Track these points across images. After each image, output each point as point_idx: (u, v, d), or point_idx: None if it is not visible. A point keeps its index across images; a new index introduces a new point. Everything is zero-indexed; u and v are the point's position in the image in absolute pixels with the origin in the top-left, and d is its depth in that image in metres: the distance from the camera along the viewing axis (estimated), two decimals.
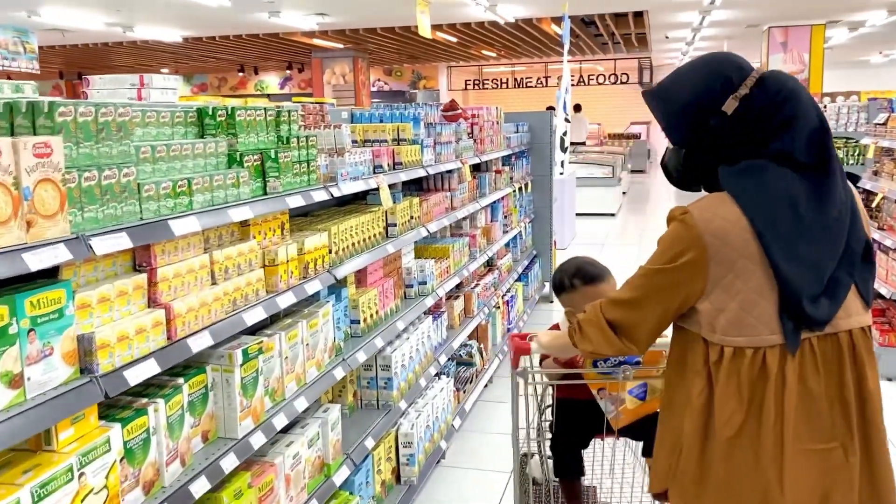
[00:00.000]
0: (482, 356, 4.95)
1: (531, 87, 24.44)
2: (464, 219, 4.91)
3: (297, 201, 2.49)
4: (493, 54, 20.29)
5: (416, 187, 4.65)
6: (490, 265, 5.80)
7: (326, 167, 2.90)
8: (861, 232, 1.62)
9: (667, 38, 17.33)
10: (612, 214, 13.50)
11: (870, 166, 7.37)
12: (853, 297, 1.59)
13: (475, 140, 5.02)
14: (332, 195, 2.77)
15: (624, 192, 16.02)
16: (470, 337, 5.09)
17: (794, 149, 1.55)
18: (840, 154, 7.84)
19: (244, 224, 2.38)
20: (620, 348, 1.69)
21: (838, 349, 1.58)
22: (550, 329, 2.39)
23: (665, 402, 1.76)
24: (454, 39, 16.11)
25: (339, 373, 2.78)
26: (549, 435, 2.55)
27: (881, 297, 5.49)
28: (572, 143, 17.89)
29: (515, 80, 24.57)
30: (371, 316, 3.24)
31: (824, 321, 1.54)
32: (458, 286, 4.97)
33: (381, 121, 3.91)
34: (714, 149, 1.62)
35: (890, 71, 24.06)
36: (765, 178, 1.55)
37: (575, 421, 2.47)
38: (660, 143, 24.91)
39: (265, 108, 2.52)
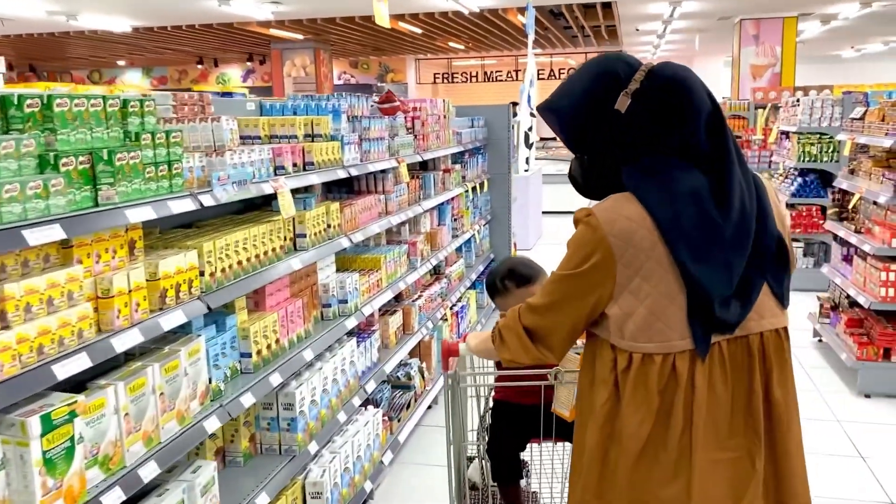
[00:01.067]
0: (423, 377, 4.44)
1: (501, 80, 23.97)
2: (402, 224, 4.39)
3: (142, 214, 1.96)
4: (462, 47, 19.77)
5: (347, 189, 4.13)
6: (437, 273, 5.29)
7: (202, 170, 2.37)
8: (773, 227, 1.56)
9: (637, 30, 16.93)
10: None
11: (845, 164, 6.98)
12: (766, 298, 1.55)
13: (416, 136, 4.50)
14: (201, 204, 2.24)
15: None
16: (411, 355, 4.58)
17: (694, 140, 1.50)
18: (813, 151, 7.43)
19: (65, 245, 1.84)
20: (536, 356, 1.63)
21: (748, 352, 1.53)
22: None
23: (577, 412, 1.68)
24: (419, 31, 15.56)
25: (213, 423, 2.25)
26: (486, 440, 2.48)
27: (858, 305, 5.08)
28: (542, 139, 17.43)
29: (485, 73, 24.07)
30: (268, 346, 2.71)
31: (735, 324, 1.50)
32: (397, 298, 4.45)
33: (295, 113, 3.38)
34: (613, 150, 1.55)
35: (862, 66, 23.93)
36: (667, 176, 1.50)
37: (511, 424, 2.39)
38: None
39: (104, 97, 1.98)
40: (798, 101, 7.80)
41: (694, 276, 1.46)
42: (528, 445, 2.51)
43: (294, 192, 3.08)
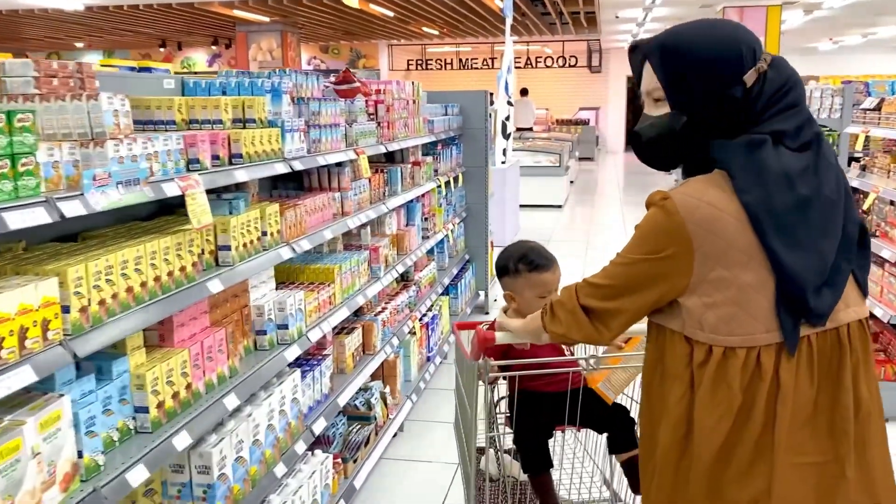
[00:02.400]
0: (386, 403, 3.82)
1: (477, 68, 23.35)
2: (363, 226, 3.76)
3: None
4: (436, 32, 19.07)
5: (295, 186, 3.49)
6: (405, 280, 4.66)
7: (75, 166, 1.72)
8: (856, 214, 1.52)
9: (617, 17, 16.39)
10: (559, 206, 12.50)
11: (845, 158, 6.49)
12: (850, 287, 1.49)
13: (380, 123, 3.86)
14: (62, 214, 1.60)
15: (571, 182, 15.04)
16: (374, 377, 3.96)
17: (787, 133, 1.45)
18: None
19: None
20: (590, 334, 1.59)
21: (837, 345, 1.46)
22: (488, 326, 2.16)
23: (642, 409, 1.64)
24: (391, 14, 14.85)
25: None
26: (504, 430, 2.46)
27: (874, 318, 4.56)
28: (518, 129, 16.84)
29: (461, 60, 23.43)
30: (175, 395, 2.07)
31: (826, 314, 1.44)
32: (357, 313, 3.82)
33: (224, 92, 2.73)
34: (719, 120, 1.48)
35: (840, 58, 23.66)
36: (763, 154, 1.42)
37: (538, 413, 2.31)
38: (610, 129, 24.12)
39: None
40: None
41: (786, 263, 1.39)
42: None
43: (216, 192, 2.44)
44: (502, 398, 2.52)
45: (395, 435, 4.07)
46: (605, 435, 2.41)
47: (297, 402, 2.78)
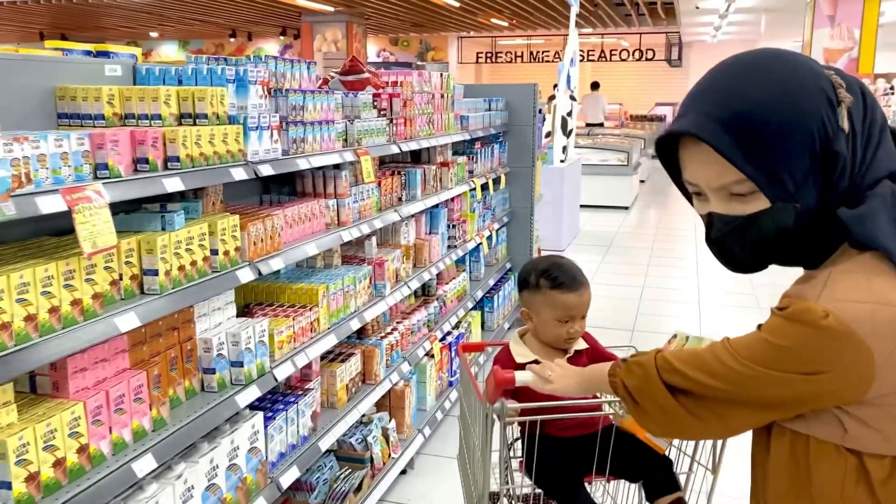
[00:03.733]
0: (389, 441, 3.35)
1: (548, 61, 22.59)
2: (369, 236, 3.28)
3: None
4: (505, 24, 18.47)
5: (290, 191, 3.04)
6: (427, 295, 4.17)
7: None
8: None
9: (697, 8, 15.41)
10: (626, 208, 11.77)
11: None
12: None
13: (393, 120, 3.38)
14: None
15: (642, 181, 14.23)
16: (379, 408, 3.49)
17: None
18: None
19: None
20: (702, 431, 1.25)
21: None
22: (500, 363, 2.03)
23: None
24: (456, 4, 14.35)
25: None
26: (518, 477, 2.17)
27: None
28: (588, 125, 16.11)
29: (531, 53, 22.72)
30: (59, 463, 1.64)
31: None
32: (360, 334, 3.36)
33: (180, 82, 2.29)
34: (833, 191, 1.13)
35: None
36: None
37: (565, 458, 2.02)
38: None
39: None
40: (893, 88, 6.43)
41: None
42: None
43: (153, 202, 2.01)
44: (516, 440, 2.27)
45: (403, 472, 3.60)
46: (639, 483, 2.06)
47: (256, 451, 2.34)
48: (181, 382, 2.11)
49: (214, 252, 2.16)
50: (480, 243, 4.90)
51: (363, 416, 3.36)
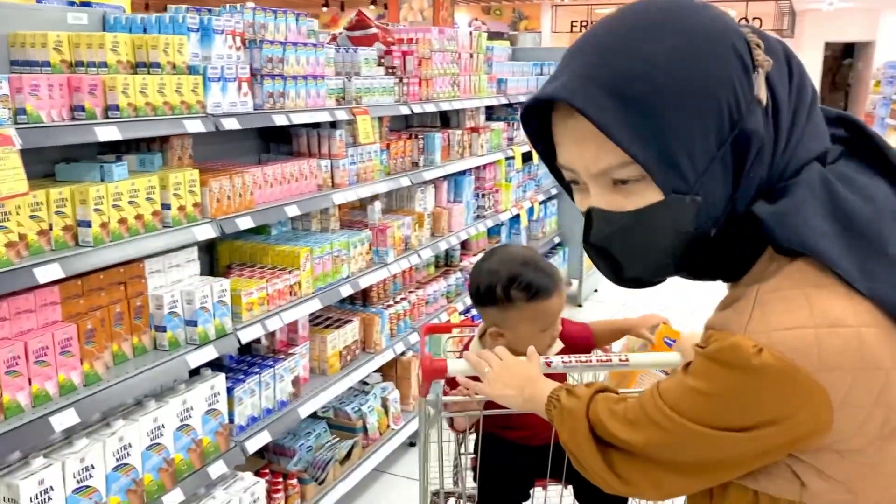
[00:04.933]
0: (389, 412, 3.25)
1: None
2: (371, 201, 3.16)
3: None
4: None
5: (287, 150, 2.96)
6: (448, 266, 4.03)
7: None
8: None
9: None
10: None
11: None
12: None
13: (404, 79, 3.22)
14: None
15: None
16: (386, 378, 3.40)
17: (828, 149, 0.92)
18: None
19: None
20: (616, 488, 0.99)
21: None
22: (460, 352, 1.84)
23: None
24: None
25: None
26: (471, 479, 1.96)
27: None
28: None
29: None
30: None
31: None
32: (365, 303, 3.27)
33: (145, 31, 2.22)
34: (747, 182, 0.89)
35: None
36: (846, 203, 0.86)
37: (515, 463, 1.83)
38: None
39: None
40: None
41: None
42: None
43: (103, 154, 1.96)
44: (471, 432, 1.97)
45: (412, 444, 3.50)
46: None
47: (216, 413, 2.28)
48: (128, 339, 2.07)
49: (166, 206, 2.10)
50: (526, 212, 4.70)
51: (365, 385, 3.28)
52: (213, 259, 2.71)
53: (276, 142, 2.98)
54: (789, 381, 0.82)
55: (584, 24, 22.53)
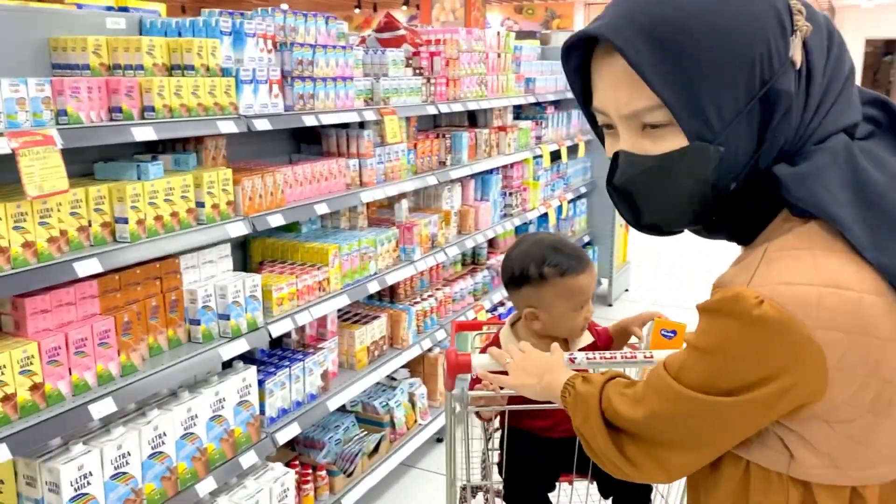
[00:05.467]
0: (416, 407, 3.30)
1: None
2: (398, 199, 3.22)
3: None
4: None
5: (317, 150, 3.03)
6: (475, 264, 4.07)
7: None
8: None
9: None
10: None
11: None
12: None
13: (431, 80, 3.27)
14: None
15: None
16: (413, 373, 3.46)
17: (857, 123, 0.94)
18: None
19: None
20: (624, 471, 1.02)
21: None
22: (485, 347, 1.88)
23: None
24: None
25: None
26: (497, 474, 1.97)
27: None
28: None
29: None
30: (8, 399, 1.70)
31: None
32: (393, 299, 3.33)
33: (180, 34, 2.30)
34: (772, 140, 0.91)
35: None
36: (865, 174, 0.89)
37: (539, 456, 1.85)
38: None
39: None
40: None
41: None
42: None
43: (139, 153, 2.04)
44: (496, 430, 2.03)
45: (440, 440, 3.55)
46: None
47: (247, 405, 2.35)
48: (163, 332, 2.15)
49: (200, 204, 2.17)
50: (553, 210, 4.72)
51: (393, 380, 3.34)
52: (246, 256, 2.79)
53: (306, 142, 3.05)
54: (787, 334, 0.84)
55: None
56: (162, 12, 2.60)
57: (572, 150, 5.08)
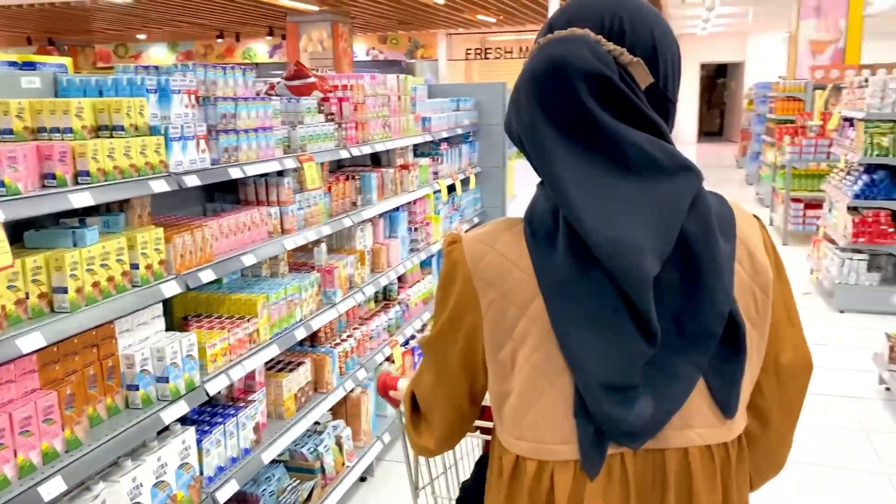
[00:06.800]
0: (343, 450, 3.31)
1: None
2: (315, 243, 3.24)
3: None
4: (493, 20, 18.39)
5: (234, 199, 3.00)
6: (387, 300, 4.13)
7: None
8: (720, 299, 0.98)
9: (684, 1, 15.35)
10: None
11: None
12: (699, 399, 1.01)
13: (343, 124, 3.33)
14: None
15: None
16: (336, 416, 3.46)
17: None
18: (885, 143, 6.03)
19: None
20: (417, 442, 1.24)
21: (662, 474, 1.02)
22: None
23: None
24: (442, 1, 14.29)
25: None
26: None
27: None
28: None
29: (521, 49, 22.65)
30: None
31: (640, 431, 0.99)
32: (313, 341, 3.32)
33: (101, 94, 2.24)
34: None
35: None
36: (545, 160, 1.00)
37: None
38: (681, 119, 22.94)
39: None
40: (867, 81, 6.38)
41: (573, 349, 0.97)
42: None
43: (66, 218, 1.97)
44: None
45: (363, 479, 3.57)
46: None
47: (188, 467, 2.29)
48: (102, 400, 2.07)
49: (135, 266, 2.12)
50: None
51: (317, 425, 3.33)
52: (166, 312, 2.71)
53: (220, 191, 3.02)
54: (457, 271, 1.07)
55: (478, 51, 23.21)
56: (69, 67, 2.51)
57: (465, 182, 5.26)
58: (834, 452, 3.83)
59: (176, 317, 2.70)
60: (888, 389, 4.46)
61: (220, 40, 21.08)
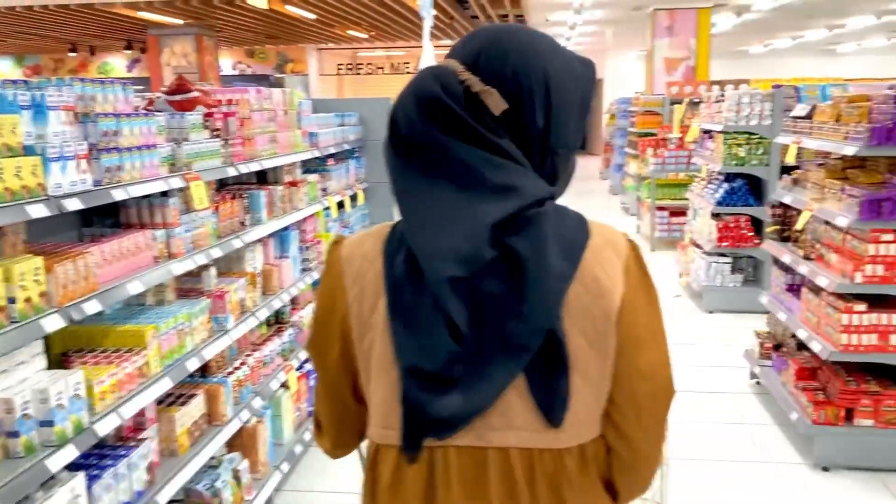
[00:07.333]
0: (241, 483, 3.14)
1: (410, 72, 22.70)
2: (204, 268, 3.07)
3: None
4: (364, 35, 18.37)
5: (114, 223, 2.79)
6: (280, 323, 3.99)
7: None
8: (536, 315, 1.05)
9: (547, 20, 15.98)
10: None
11: (777, 170, 6.08)
12: (521, 402, 1.09)
13: (229, 140, 3.18)
14: None
15: None
16: (231, 448, 3.28)
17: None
18: (741, 153, 6.50)
19: None
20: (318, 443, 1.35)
21: (484, 472, 1.10)
22: None
23: None
24: (312, 16, 14.10)
25: None
26: None
27: (808, 349, 4.09)
28: None
29: (392, 65, 22.77)
30: None
31: (449, 423, 1.08)
32: (204, 371, 3.14)
33: None
34: None
35: (770, 61, 23.85)
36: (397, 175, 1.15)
37: None
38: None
39: None
40: (723, 95, 6.86)
41: (397, 339, 1.10)
42: None
43: None
44: None
45: None
46: None
47: None
48: None
49: (12, 301, 1.91)
50: None
51: (212, 459, 3.14)
52: (45, 349, 2.47)
53: (98, 214, 2.79)
54: (333, 271, 1.19)
55: (349, 66, 23.12)
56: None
57: (353, 198, 5.18)
58: (715, 447, 4.04)
59: (54, 352, 2.47)
60: (759, 384, 4.77)
61: (73, 54, 19.80)
